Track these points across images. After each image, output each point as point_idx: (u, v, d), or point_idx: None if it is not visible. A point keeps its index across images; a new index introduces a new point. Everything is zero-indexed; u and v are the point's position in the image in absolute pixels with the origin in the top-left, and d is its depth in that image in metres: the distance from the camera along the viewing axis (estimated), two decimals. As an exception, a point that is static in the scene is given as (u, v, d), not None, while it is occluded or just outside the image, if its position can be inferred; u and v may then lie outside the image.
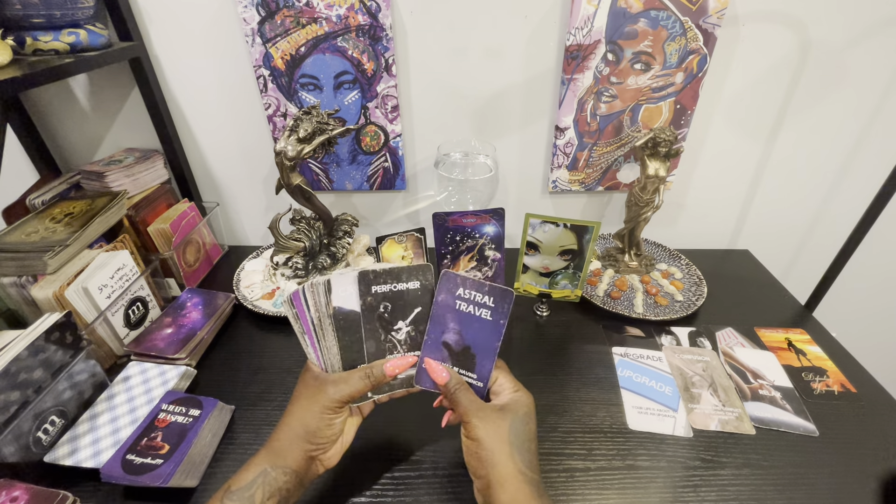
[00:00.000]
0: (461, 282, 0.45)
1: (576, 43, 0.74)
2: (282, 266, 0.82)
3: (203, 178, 0.93)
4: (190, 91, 0.83)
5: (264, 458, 0.42)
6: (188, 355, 0.66)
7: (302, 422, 0.42)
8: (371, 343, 0.45)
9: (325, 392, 0.42)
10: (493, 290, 0.44)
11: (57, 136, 0.87)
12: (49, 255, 0.61)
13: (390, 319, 0.45)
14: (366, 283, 0.44)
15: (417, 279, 0.45)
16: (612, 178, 0.89)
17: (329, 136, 0.73)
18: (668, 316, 0.74)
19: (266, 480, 0.40)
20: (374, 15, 0.73)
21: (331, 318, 0.44)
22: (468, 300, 0.45)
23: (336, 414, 0.43)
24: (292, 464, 0.41)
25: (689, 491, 0.51)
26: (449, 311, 0.45)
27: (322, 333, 0.44)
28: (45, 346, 0.52)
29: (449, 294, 0.45)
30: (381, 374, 0.44)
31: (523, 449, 0.40)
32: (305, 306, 0.43)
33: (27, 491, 0.44)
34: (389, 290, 0.45)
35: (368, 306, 0.45)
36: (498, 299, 0.44)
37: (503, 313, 0.44)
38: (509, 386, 0.44)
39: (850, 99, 0.81)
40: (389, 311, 0.45)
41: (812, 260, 0.99)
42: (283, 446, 0.42)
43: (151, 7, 0.75)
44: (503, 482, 0.39)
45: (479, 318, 0.45)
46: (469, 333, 0.45)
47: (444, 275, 0.45)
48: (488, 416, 0.41)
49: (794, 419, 0.59)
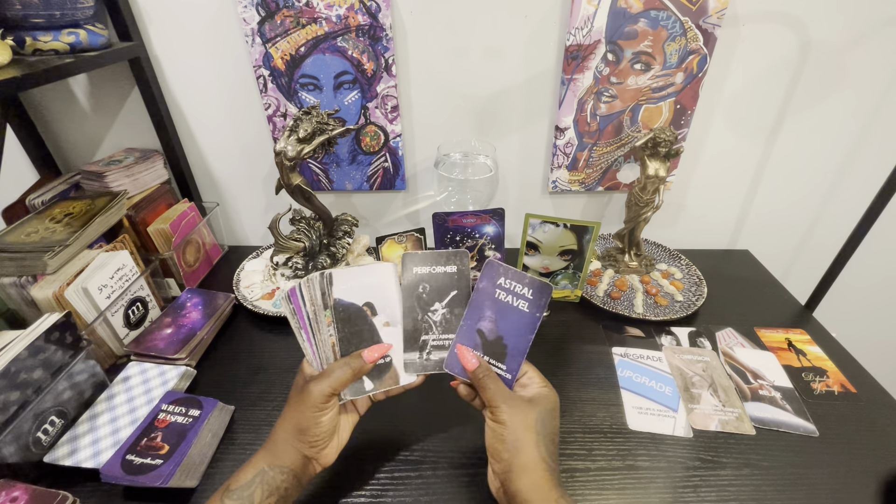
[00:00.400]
0: (504, 271, 0.46)
1: (576, 43, 0.74)
2: (282, 266, 0.82)
3: (203, 178, 0.93)
4: (190, 91, 0.83)
5: (262, 457, 0.42)
6: (188, 355, 0.66)
7: (293, 422, 0.43)
8: (409, 321, 0.47)
9: (310, 391, 0.42)
10: (533, 282, 0.45)
11: (57, 136, 0.87)
12: (49, 256, 0.61)
13: (428, 300, 0.47)
14: (410, 262, 0.47)
15: (455, 264, 0.48)
16: (612, 178, 0.89)
17: (329, 136, 0.73)
18: (668, 316, 0.74)
19: (264, 479, 0.41)
20: (374, 15, 0.73)
21: (330, 310, 0.45)
22: (508, 290, 0.46)
23: (322, 411, 0.43)
24: (289, 463, 0.42)
25: (689, 491, 0.51)
26: (488, 299, 0.46)
27: (317, 327, 0.45)
28: (45, 346, 0.52)
29: (490, 282, 0.46)
30: (360, 362, 0.44)
31: (548, 440, 0.41)
32: (301, 301, 0.45)
33: (27, 491, 0.44)
34: (429, 272, 0.48)
35: (410, 284, 0.47)
36: (537, 292, 0.45)
37: (541, 307, 0.45)
38: (538, 380, 0.45)
39: (849, 99, 0.81)
40: (427, 292, 0.47)
41: (812, 260, 0.99)
42: (279, 446, 0.43)
43: (151, 7, 0.75)
44: (526, 468, 0.39)
45: (516, 309, 0.45)
46: (504, 324, 0.46)
47: (489, 263, 0.46)
48: (517, 403, 0.42)
49: (794, 419, 0.59)
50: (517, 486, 0.39)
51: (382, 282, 0.48)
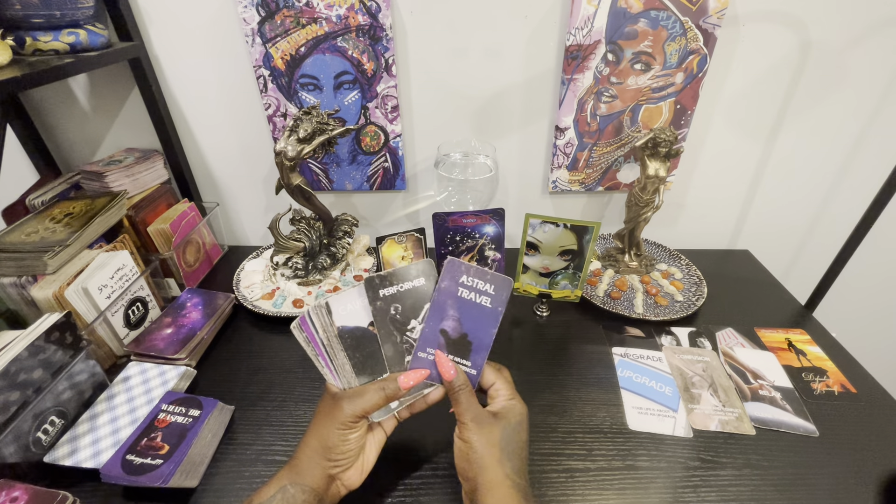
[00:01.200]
0: (465, 269, 0.46)
1: (576, 43, 0.74)
2: (282, 266, 0.82)
3: (203, 178, 0.93)
4: (190, 91, 0.83)
5: (286, 475, 0.42)
6: (188, 355, 0.66)
7: (319, 439, 0.42)
8: (388, 346, 0.46)
9: (341, 408, 0.42)
10: (494, 277, 0.46)
11: (57, 137, 0.87)
12: (49, 256, 0.61)
13: (402, 320, 0.46)
14: (373, 288, 0.45)
15: (423, 276, 0.46)
16: (612, 178, 0.89)
17: (329, 136, 0.73)
18: (668, 316, 0.74)
19: (285, 497, 0.40)
20: (374, 15, 0.73)
21: (338, 339, 0.44)
22: (470, 287, 0.45)
23: (351, 429, 0.42)
24: (311, 482, 0.41)
25: (689, 491, 0.51)
26: (450, 298, 0.46)
27: (333, 353, 0.44)
28: (45, 346, 0.52)
29: (452, 281, 0.46)
30: (395, 387, 0.43)
31: (513, 456, 0.41)
32: (313, 329, 0.44)
33: (27, 491, 0.44)
34: (397, 291, 0.45)
35: (380, 310, 0.45)
36: (498, 287, 0.45)
37: (502, 301, 0.45)
38: (505, 393, 0.45)
39: (849, 99, 0.81)
40: (401, 312, 0.46)
41: (812, 260, 0.99)
42: (303, 464, 0.42)
43: (151, 7, 0.75)
44: (491, 487, 0.39)
45: (478, 305, 0.45)
46: (467, 321, 0.45)
47: (449, 262, 0.45)
48: (482, 420, 0.42)
49: (794, 419, 0.59)
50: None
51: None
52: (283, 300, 0.78)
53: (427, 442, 0.57)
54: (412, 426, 0.57)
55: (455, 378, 0.44)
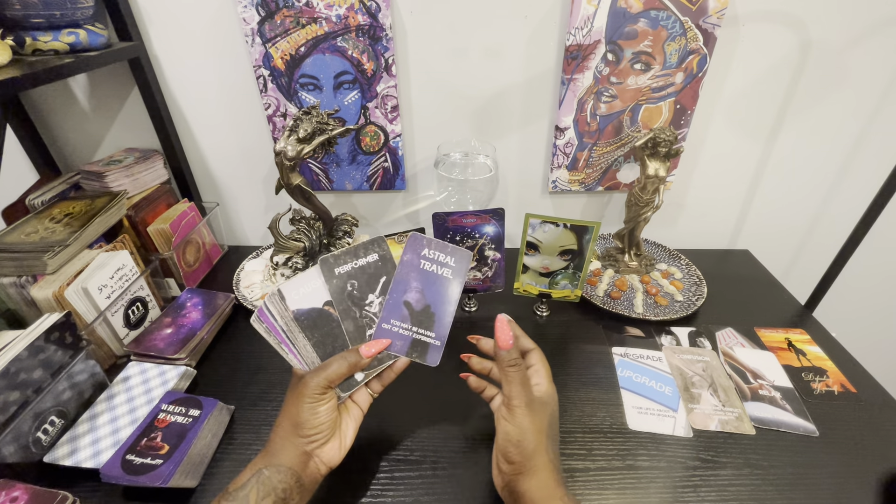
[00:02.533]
0: (427, 242, 0.48)
1: (576, 43, 0.74)
2: (282, 266, 0.82)
3: (203, 178, 0.93)
4: (190, 91, 0.83)
5: (260, 459, 0.42)
6: (188, 355, 0.66)
7: (289, 418, 0.43)
8: (349, 322, 0.47)
9: (305, 383, 0.42)
10: (455, 250, 0.48)
11: (57, 136, 0.87)
12: (49, 256, 0.61)
13: (360, 296, 0.47)
14: (328, 267, 0.47)
15: (374, 251, 0.48)
16: (612, 178, 0.89)
17: (329, 136, 0.73)
18: (668, 316, 0.74)
19: (260, 480, 0.40)
20: (374, 15, 0.73)
21: (294, 322, 0.46)
22: (432, 260, 0.47)
23: (318, 401, 0.42)
24: (286, 461, 0.41)
25: (689, 491, 0.51)
26: (413, 271, 0.47)
27: (294, 336, 0.46)
28: (45, 346, 0.52)
29: (414, 254, 0.47)
30: (357, 356, 0.44)
31: (555, 441, 0.42)
32: (272, 317, 0.45)
33: (27, 491, 0.44)
34: (351, 268, 0.48)
35: (337, 288, 0.47)
36: (459, 260, 0.48)
37: (461, 273, 0.47)
38: (544, 376, 0.45)
39: (849, 99, 0.81)
40: (357, 288, 0.48)
41: (812, 260, 0.99)
42: (276, 446, 0.42)
43: (151, 7, 0.75)
44: (537, 470, 0.40)
45: (441, 277, 0.47)
46: (430, 293, 0.47)
47: (413, 236, 0.48)
48: (534, 406, 0.42)
49: (794, 419, 0.59)
50: (525, 486, 0.40)
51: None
52: (283, 300, 0.78)
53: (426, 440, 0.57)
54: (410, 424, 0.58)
55: (510, 350, 0.43)
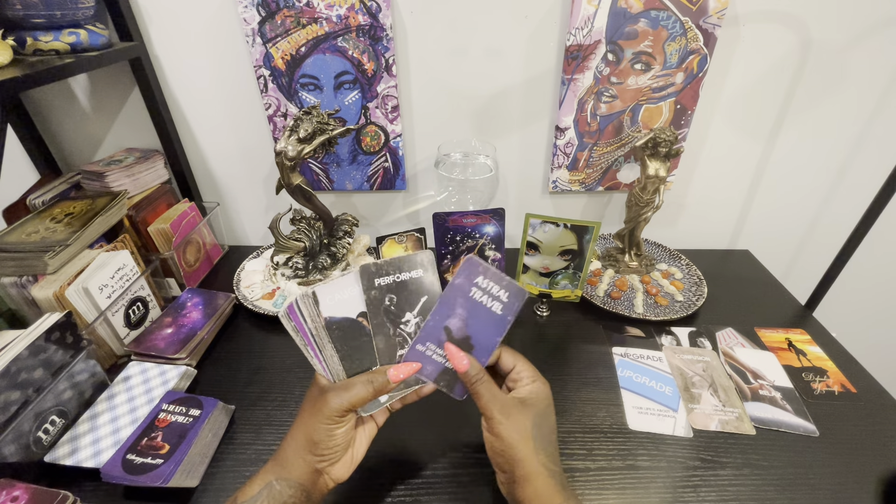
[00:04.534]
0: (483, 270, 0.44)
1: (576, 43, 0.74)
2: (282, 266, 0.82)
3: (203, 178, 0.93)
4: (190, 91, 0.83)
5: (271, 470, 0.41)
6: (188, 355, 0.66)
7: (306, 434, 0.41)
8: (380, 339, 0.44)
9: (326, 401, 0.40)
10: (510, 285, 0.44)
11: (57, 136, 0.87)
12: (49, 255, 0.61)
13: (397, 312, 0.44)
14: (368, 276, 0.43)
15: (420, 267, 0.44)
16: (612, 178, 0.89)
17: (329, 136, 0.73)
18: (668, 316, 0.74)
19: (271, 493, 0.39)
20: (375, 15, 0.73)
21: (325, 330, 0.43)
22: (484, 290, 0.44)
23: (337, 424, 0.41)
24: (297, 477, 0.40)
25: (689, 491, 0.51)
26: (461, 297, 0.44)
27: (322, 343, 0.43)
28: (46, 346, 0.52)
29: (467, 280, 0.44)
30: (384, 380, 0.42)
31: (546, 443, 0.41)
32: (302, 318, 0.42)
33: (27, 491, 0.44)
34: (393, 281, 0.44)
35: (373, 300, 0.43)
36: (512, 296, 0.44)
37: (513, 310, 0.44)
38: (528, 374, 0.43)
39: (850, 99, 0.81)
40: (396, 304, 0.44)
41: (812, 260, 0.99)
42: (289, 459, 0.41)
43: (151, 7, 0.75)
44: (528, 478, 0.39)
45: (489, 310, 0.44)
46: (474, 323, 0.44)
47: (468, 260, 0.44)
48: (511, 411, 0.40)
49: (794, 419, 0.59)
50: (522, 495, 0.39)
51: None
52: (284, 300, 0.78)
53: (428, 441, 0.57)
54: (413, 423, 0.58)
55: (469, 368, 0.42)
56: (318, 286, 0.43)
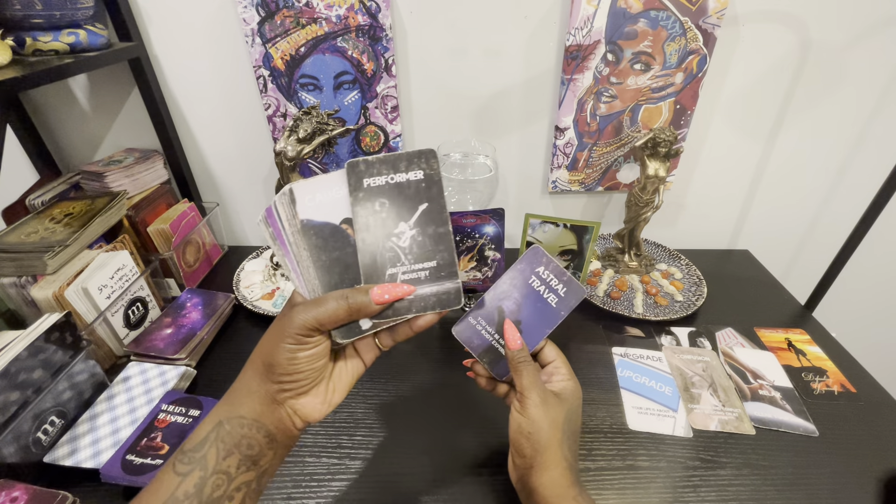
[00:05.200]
0: (546, 262, 0.45)
1: (576, 43, 0.74)
2: (281, 266, 0.82)
3: (203, 178, 0.93)
4: (190, 91, 0.83)
5: (220, 408, 0.34)
6: (188, 355, 0.66)
7: (262, 356, 0.35)
8: (366, 253, 0.36)
9: (290, 316, 0.34)
10: (570, 281, 0.44)
11: (57, 136, 0.87)
12: (49, 256, 0.61)
13: (388, 219, 0.36)
14: (356, 175, 0.36)
15: (420, 168, 0.37)
16: (611, 178, 0.89)
17: (329, 136, 0.73)
18: (668, 316, 0.74)
19: (220, 436, 0.33)
20: (374, 15, 0.73)
21: (301, 234, 0.36)
22: (543, 280, 0.44)
23: (301, 345, 0.34)
24: (251, 412, 0.34)
25: (689, 491, 0.51)
26: (520, 281, 0.45)
27: (298, 252, 0.36)
28: (45, 346, 0.52)
29: (529, 267, 0.45)
30: (364, 300, 0.34)
31: (571, 439, 0.41)
32: (280, 223, 0.36)
33: (27, 491, 0.44)
34: (385, 182, 0.36)
35: (361, 203, 0.36)
36: (570, 292, 0.44)
37: (569, 306, 0.44)
38: (565, 371, 0.44)
39: (849, 99, 0.81)
40: (387, 209, 0.36)
41: (812, 260, 0.99)
42: (241, 390, 0.35)
43: (151, 7, 0.75)
44: (548, 466, 0.39)
45: (545, 301, 0.44)
46: (527, 310, 0.44)
47: (534, 248, 0.45)
48: (548, 398, 0.41)
49: (794, 419, 0.59)
50: (537, 482, 0.39)
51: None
52: (283, 300, 0.78)
53: (428, 440, 0.57)
54: (413, 424, 0.58)
55: (519, 350, 0.42)
56: (296, 183, 0.36)
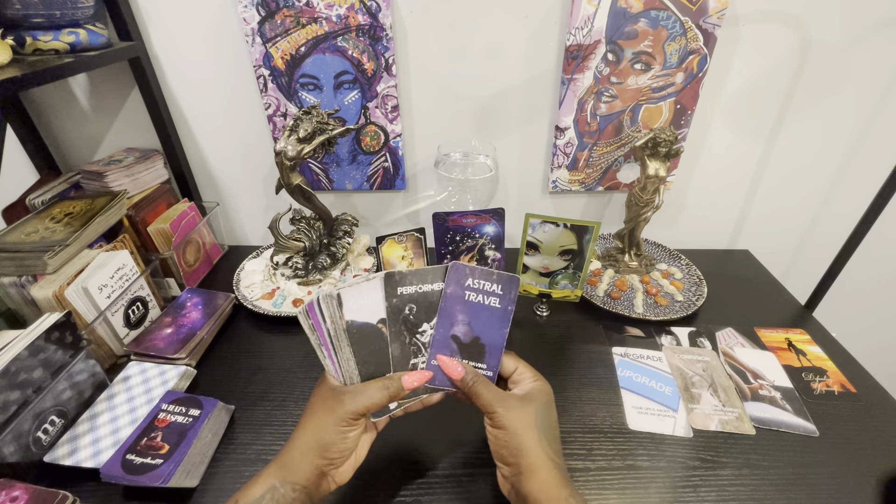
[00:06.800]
0: (470, 272, 0.45)
1: (576, 43, 0.74)
2: (282, 266, 0.82)
3: (203, 178, 0.93)
4: (190, 91, 0.83)
5: (274, 472, 0.40)
6: (188, 355, 0.66)
7: (317, 435, 0.41)
8: (396, 346, 0.45)
9: (343, 403, 0.40)
10: (501, 277, 0.45)
11: (57, 136, 0.87)
12: (49, 255, 0.61)
13: (415, 321, 0.45)
14: (392, 284, 0.44)
15: (442, 280, 0.45)
16: (612, 178, 0.89)
17: (329, 136, 0.73)
18: (668, 316, 0.74)
19: (275, 497, 0.38)
20: (374, 15, 0.73)
21: (346, 332, 0.43)
22: (477, 289, 0.45)
23: (351, 427, 0.41)
24: (302, 479, 0.40)
25: (689, 491, 0.51)
26: (458, 303, 0.45)
27: (339, 345, 0.43)
28: (45, 345, 0.52)
29: (458, 286, 0.45)
30: (398, 386, 0.42)
31: (549, 436, 0.41)
32: (321, 318, 0.42)
33: (27, 491, 0.44)
34: (415, 292, 0.45)
35: (394, 308, 0.44)
36: (506, 286, 0.45)
37: (511, 299, 0.45)
38: (529, 375, 0.44)
39: (850, 99, 0.81)
40: (414, 313, 0.45)
41: (812, 260, 0.99)
42: (295, 460, 0.40)
43: (151, 7, 0.75)
44: (534, 469, 0.39)
45: (487, 307, 0.45)
46: (478, 324, 0.45)
47: (453, 266, 0.45)
48: (513, 404, 0.41)
49: (794, 419, 0.59)
50: (528, 487, 0.39)
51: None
52: (283, 300, 0.78)
53: (427, 442, 0.57)
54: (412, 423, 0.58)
55: (465, 375, 0.43)
56: (343, 289, 0.43)
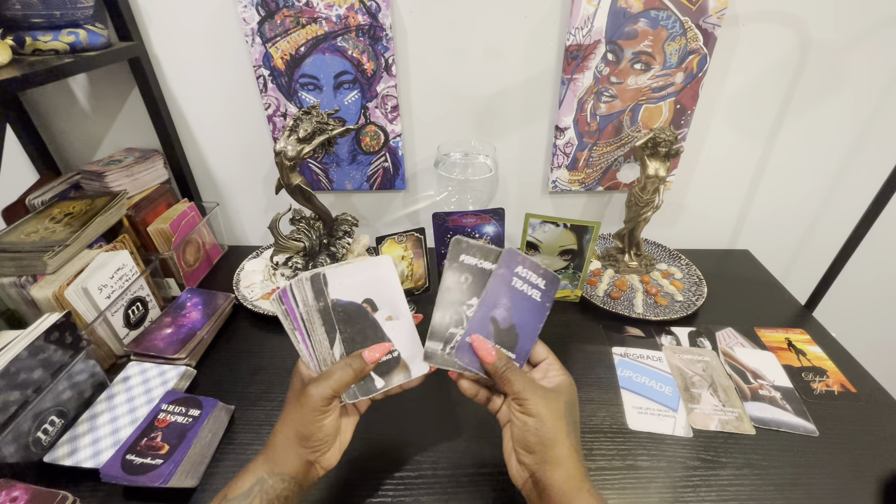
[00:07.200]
0: (521, 260, 0.46)
1: (576, 43, 0.74)
2: (282, 266, 0.82)
3: (203, 178, 0.93)
4: (190, 91, 0.83)
5: (261, 464, 0.41)
6: (188, 355, 0.66)
7: (294, 429, 0.41)
8: (442, 309, 0.46)
9: (309, 395, 0.40)
10: (546, 273, 0.46)
11: (57, 136, 0.87)
12: (49, 255, 0.61)
13: (467, 292, 0.46)
14: (458, 248, 0.46)
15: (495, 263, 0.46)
16: (612, 178, 0.89)
17: (329, 136, 0.73)
18: (668, 316, 0.74)
19: (263, 488, 0.39)
20: (374, 15, 0.73)
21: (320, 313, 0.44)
22: (524, 278, 0.46)
23: (324, 414, 0.41)
24: (289, 470, 0.40)
25: (689, 491, 0.51)
26: (505, 286, 0.45)
27: (311, 328, 0.44)
28: (45, 346, 0.52)
29: (508, 269, 0.46)
30: (360, 362, 0.43)
31: (576, 431, 0.41)
32: (294, 303, 0.43)
33: (27, 491, 0.44)
34: (476, 264, 0.46)
35: (453, 273, 0.46)
36: (549, 283, 0.46)
37: (550, 297, 0.46)
38: (558, 367, 0.44)
39: (849, 99, 0.81)
40: (468, 284, 0.46)
41: (812, 260, 0.99)
42: (279, 454, 0.41)
43: (151, 7, 0.75)
44: (561, 459, 0.39)
45: (529, 298, 0.46)
46: (517, 312, 0.45)
47: (508, 250, 0.46)
48: (546, 394, 0.41)
49: (794, 419, 0.59)
50: (552, 478, 0.38)
51: (381, 275, 0.47)
52: (283, 300, 0.78)
53: (427, 441, 0.57)
54: (412, 424, 0.58)
55: (497, 360, 0.43)
56: (328, 269, 0.44)
